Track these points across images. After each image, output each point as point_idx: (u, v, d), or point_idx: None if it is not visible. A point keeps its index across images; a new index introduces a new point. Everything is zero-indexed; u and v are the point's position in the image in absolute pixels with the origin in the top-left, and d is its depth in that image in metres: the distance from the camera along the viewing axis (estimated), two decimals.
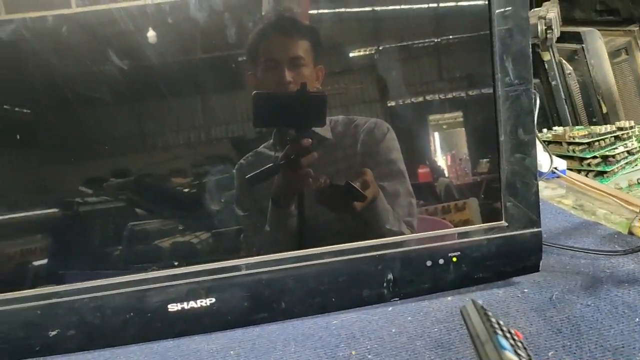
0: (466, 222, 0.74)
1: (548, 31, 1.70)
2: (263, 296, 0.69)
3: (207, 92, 0.71)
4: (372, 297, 0.72)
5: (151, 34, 0.68)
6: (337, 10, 0.72)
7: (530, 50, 0.68)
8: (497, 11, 0.67)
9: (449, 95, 0.74)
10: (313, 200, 0.72)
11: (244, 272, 0.69)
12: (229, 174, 0.72)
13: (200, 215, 0.72)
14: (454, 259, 0.70)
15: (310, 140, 0.70)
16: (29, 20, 0.65)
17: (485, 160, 0.74)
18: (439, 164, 0.76)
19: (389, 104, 0.75)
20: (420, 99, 0.75)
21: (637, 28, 2.22)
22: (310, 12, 0.71)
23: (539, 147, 1.33)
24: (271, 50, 0.70)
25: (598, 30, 2.26)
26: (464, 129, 0.76)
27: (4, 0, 0.65)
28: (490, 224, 0.72)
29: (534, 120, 0.70)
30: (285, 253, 0.69)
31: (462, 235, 0.71)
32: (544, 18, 1.69)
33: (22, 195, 0.72)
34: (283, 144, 0.70)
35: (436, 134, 0.76)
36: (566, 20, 2.17)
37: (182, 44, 0.68)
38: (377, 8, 0.72)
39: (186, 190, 0.73)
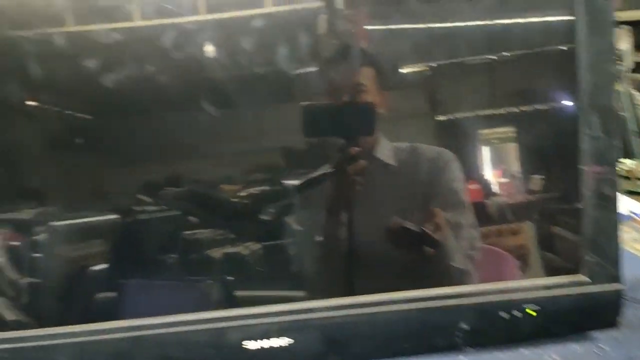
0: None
1: (619, 63, 1.66)
2: (337, 339, 0.71)
3: (264, 105, 0.74)
4: (444, 345, 0.72)
5: (210, 48, 0.71)
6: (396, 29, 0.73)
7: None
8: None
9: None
10: (374, 232, 0.73)
11: (318, 314, 0.70)
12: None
13: (280, 255, 0.74)
14: (530, 312, 0.70)
15: (358, 149, 0.71)
16: (91, 31, 0.70)
17: (564, 211, 0.74)
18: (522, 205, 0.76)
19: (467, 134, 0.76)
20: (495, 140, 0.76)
21: None
22: (373, 38, 0.73)
23: None
24: (334, 76, 0.72)
25: None
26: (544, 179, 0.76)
27: (71, 12, 0.70)
28: (568, 276, 0.71)
29: (616, 174, 0.69)
30: (360, 297, 0.70)
31: (537, 287, 0.70)
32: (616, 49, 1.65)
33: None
34: (335, 160, 0.72)
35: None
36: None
37: (238, 59, 0.71)
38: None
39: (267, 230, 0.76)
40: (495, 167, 0.78)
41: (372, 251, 0.74)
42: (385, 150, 0.74)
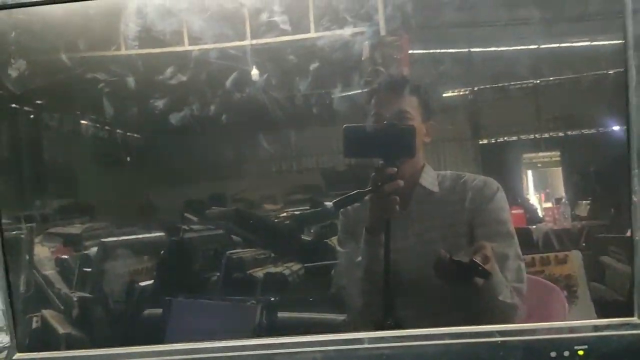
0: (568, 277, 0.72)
1: None
2: None
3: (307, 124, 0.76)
4: None
5: (256, 72, 0.74)
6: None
7: None
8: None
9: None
10: (420, 262, 0.74)
11: (365, 345, 0.71)
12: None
13: (320, 277, 0.76)
14: (580, 352, 0.69)
15: (395, 169, 0.71)
16: (146, 56, 0.74)
17: (615, 241, 0.72)
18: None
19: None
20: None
21: None
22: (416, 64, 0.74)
23: None
24: (379, 103, 0.73)
25: None
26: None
27: (122, 39, 0.73)
28: (621, 319, 0.69)
29: None
30: (407, 331, 0.71)
31: (589, 328, 0.69)
32: None
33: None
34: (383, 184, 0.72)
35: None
36: None
37: (284, 83, 0.73)
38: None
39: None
40: (539, 192, 0.77)
41: (413, 277, 0.74)
42: (429, 177, 0.75)
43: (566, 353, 0.69)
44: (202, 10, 0.72)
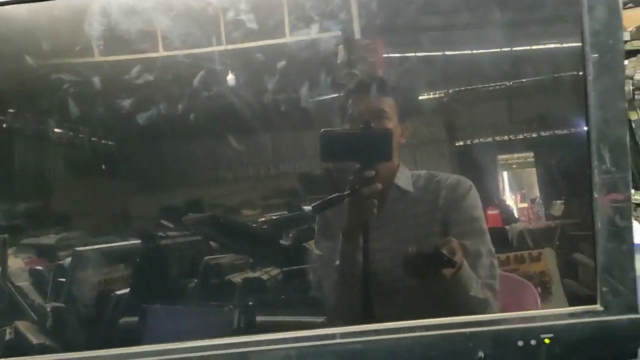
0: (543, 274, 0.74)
1: (636, 92, 1.67)
2: None
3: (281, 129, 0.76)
4: None
5: (230, 77, 0.74)
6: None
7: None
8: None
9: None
10: (389, 259, 0.75)
11: (338, 340, 0.71)
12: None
13: (298, 280, 0.76)
14: (546, 341, 0.70)
15: (373, 172, 0.72)
16: (116, 62, 0.74)
17: (580, 242, 0.74)
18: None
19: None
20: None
21: None
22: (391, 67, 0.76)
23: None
24: (355, 105, 0.74)
25: None
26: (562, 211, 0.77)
27: (94, 45, 0.73)
28: (584, 307, 0.71)
29: (631, 206, 0.70)
30: (379, 324, 0.71)
31: (554, 316, 0.71)
32: (632, 78, 1.67)
33: None
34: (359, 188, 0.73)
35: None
36: None
37: (259, 87, 0.73)
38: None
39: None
40: (513, 193, 0.79)
41: (389, 277, 0.75)
42: (404, 177, 0.76)
43: (533, 342, 0.70)
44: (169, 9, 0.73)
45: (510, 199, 0.79)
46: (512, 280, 0.77)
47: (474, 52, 0.76)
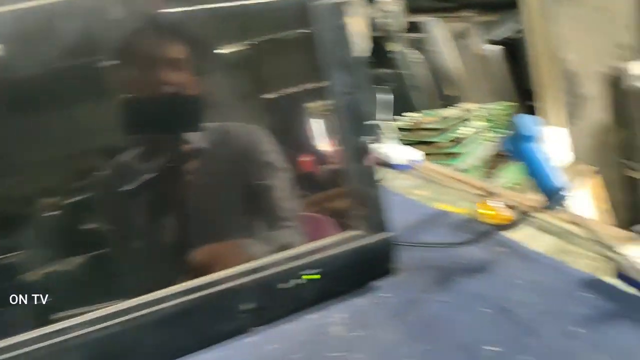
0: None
1: (390, 24, 1.76)
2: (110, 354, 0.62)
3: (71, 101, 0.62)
4: (230, 331, 0.67)
5: None
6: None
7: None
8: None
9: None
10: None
11: (77, 332, 0.61)
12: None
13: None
14: (307, 277, 0.68)
15: (189, 145, 0.67)
16: None
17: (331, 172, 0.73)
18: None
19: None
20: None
21: (471, 14, 2.38)
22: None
23: (394, 138, 1.37)
24: (144, 51, 0.65)
25: (441, 17, 2.39)
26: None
27: None
28: (340, 234, 0.70)
29: (367, 127, 0.70)
30: (124, 302, 0.62)
31: (312, 251, 0.69)
32: (385, 11, 1.75)
33: None
34: (156, 153, 0.66)
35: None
36: (413, 10, 2.28)
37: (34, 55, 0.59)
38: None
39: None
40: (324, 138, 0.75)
41: (195, 242, 0.68)
42: (199, 135, 0.69)
43: (295, 281, 0.68)
44: None
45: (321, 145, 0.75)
46: (313, 218, 0.75)
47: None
